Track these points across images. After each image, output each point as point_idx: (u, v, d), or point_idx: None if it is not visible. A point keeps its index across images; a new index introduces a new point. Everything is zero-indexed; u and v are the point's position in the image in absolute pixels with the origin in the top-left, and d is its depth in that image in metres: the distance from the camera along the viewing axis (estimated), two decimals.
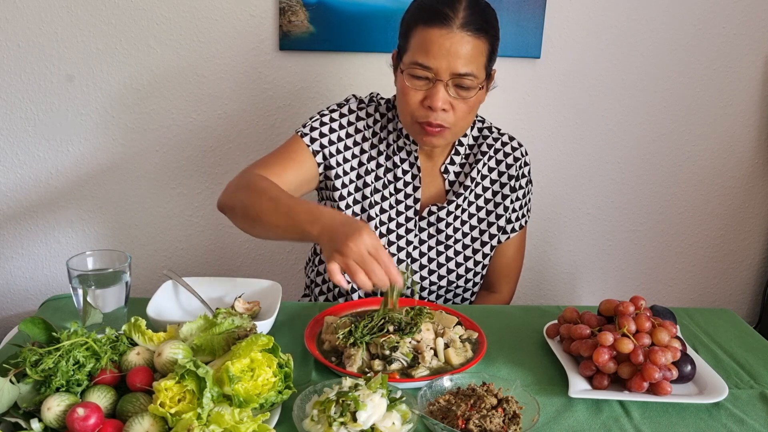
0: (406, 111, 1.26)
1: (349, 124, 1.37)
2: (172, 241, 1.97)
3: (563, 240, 2.08)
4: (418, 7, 1.23)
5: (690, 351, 1.10)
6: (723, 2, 1.87)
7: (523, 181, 1.44)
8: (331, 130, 1.35)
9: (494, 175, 1.41)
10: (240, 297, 1.19)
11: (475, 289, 1.48)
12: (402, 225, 1.38)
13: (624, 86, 1.93)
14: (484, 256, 1.42)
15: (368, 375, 0.94)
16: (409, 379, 1.00)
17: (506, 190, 1.42)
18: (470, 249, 1.41)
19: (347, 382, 0.91)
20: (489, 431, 0.86)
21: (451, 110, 1.23)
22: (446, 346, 1.07)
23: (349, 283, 1.04)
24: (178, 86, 1.82)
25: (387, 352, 1.03)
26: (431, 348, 1.06)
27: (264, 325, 1.09)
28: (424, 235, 1.39)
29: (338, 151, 1.35)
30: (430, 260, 1.39)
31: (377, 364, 1.02)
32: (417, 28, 1.21)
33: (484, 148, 1.40)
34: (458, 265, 1.40)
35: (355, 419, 0.84)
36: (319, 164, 1.34)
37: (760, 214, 2.11)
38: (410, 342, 1.05)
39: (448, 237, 1.39)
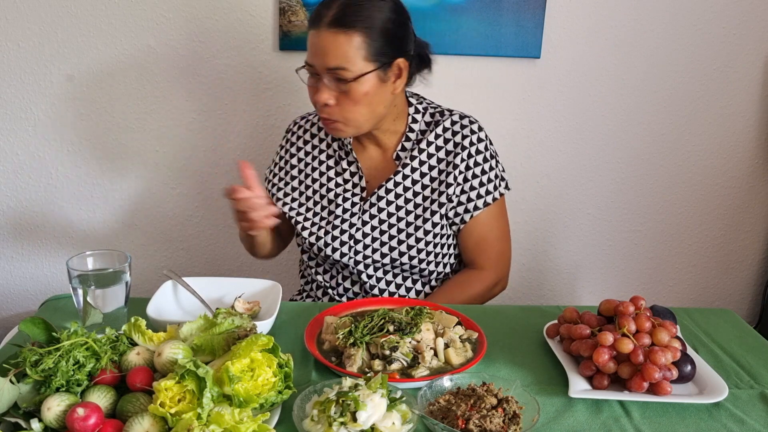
0: (314, 108, 1.37)
1: (285, 151, 1.52)
2: (172, 241, 1.97)
3: (563, 240, 2.08)
4: (313, 11, 1.32)
5: (690, 351, 1.10)
6: (723, 2, 1.87)
7: (479, 158, 1.42)
8: (279, 169, 1.53)
9: (441, 154, 1.43)
10: (240, 297, 1.20)
11: (435, 267, 1.47)
12: (347, 210, 1.45)
13: (624, 86, 1.93)
14: (426, 232, 1.42)
15: (368, 375, 0.94)
16: (409, 379, 1.00)
17: (462, 177, 1.42)
18: (413, 226, 1.43)
19: (347, 382, 0.91)
20: (489, 431, 0.86)
21: (337, 104, 1.31)
22: (446, 346, 1.07)
23: None
24: (178, 86, 1.82)
25: (387, 352, 1.02)
26: (431, 348, 1.06)
27: (264, 325, 1.09)
28: (366, 217, 1.44)
29: (286, 183, 1.51)
30: (374, 239, 1.43)
31: (377, 364, 1.02)
32: (308, 31, 1.32)
33: (439, 130, 1.43)
34: (400, 242, 1.42)
35: (355, 419, 0.84)
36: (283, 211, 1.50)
37: (760, 214, 2.11)
38: (410, 342, 1.05)
39: (389, 215, 1.44)
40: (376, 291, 1.47)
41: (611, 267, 2.12)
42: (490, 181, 1.44)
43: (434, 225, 1.43)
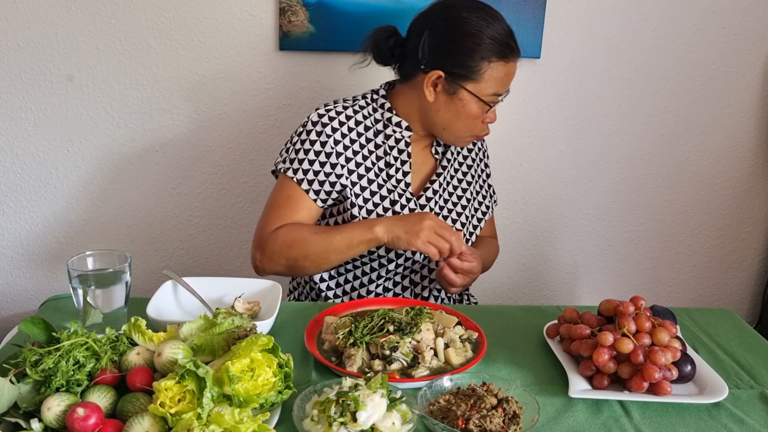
0: (470, 129, 1.39)
1: (323, 144, 1.36)
2: (172, 241, 1.97)
3: (563, 240, 2.08)
4: (492, 42, 1.30)
5: (690, 351, 1.10)
6: (723, 2, 1.87)
7: (484, 144, 1.61)
8: (316, 155, 1.36)
9: (465, 151, 1.55)
10: (240, 297, 1.19)
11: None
12: (401, 208, 1.41)
13: (624, 86, 1.93)
14: (474, 226, 1.53)
15: (368, 375, 0.94)
16: (409, 379, 1.00)
17: (481, 161, 1.59)
18: (463, 216, 1.50)
19: (347, 382, 0.91)
20: (489, 431, 0.86)
21: None
22: (446, 346, 1.07)
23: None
24: (178, 86, 1.82)
25: (387, 352, 1.02)
26: (431, 348, 1.06)
27: (264, 325, 1.09)
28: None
29: (327, 175, 1.36)
30: None
31: (377, 364, 1.02)
32: (492, 61, 1.31)
33: None
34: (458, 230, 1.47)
35: (355, 419, 0.84)
36: (321, 200, 1.37)
37: (760, 214, 2.11)
38: (410, 342, 1.05)
39: (441, 209, 1.47)
40: (380, 290, 1.46)
41: (611, 267, 2.12)
42: (489, 157, 1.63)
43: (478, 219, 1.53)
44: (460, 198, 1.50)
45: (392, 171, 1.41)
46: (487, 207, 1.57)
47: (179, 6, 1.75)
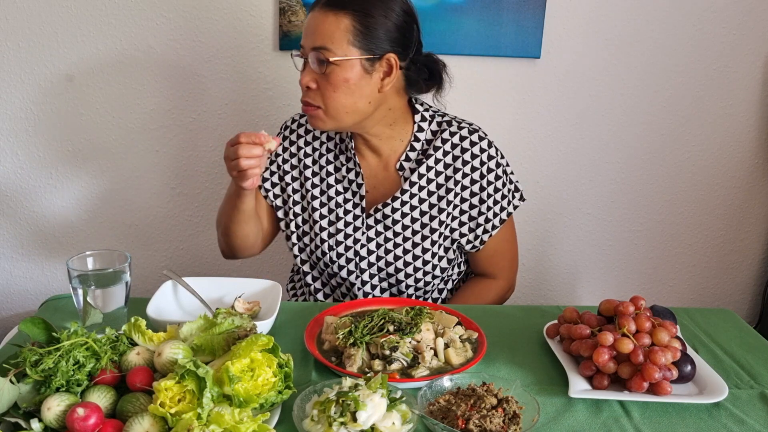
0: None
1: (283, 149, 1.45)
2: (172, 241, 1.97)
3: (563, 240, 2.08)
4: None
5: (690, 351, 1.10)
6: (723, 2, 1.87)
7: (491, 176, 1.38)
8: (273, 164, 1.45)
9: (449, 171, 1.37)
10: (240, 297, 1.19)
11: (440, 286, 1.47)
12: (350, 224, 1.40)
13: (624, 86, 1.93)
14: (434, 255, 1.39)
15: (368, 375, 0.94)
16: (409, 379, 1.00)
17: (468, 192, 1.38)
18: (419, 248, 1.38)
19: (347, 382, 0.91)
20: (489, 431, 0.86)
21: (318, 89, 1.27)
22: (446, 346, 1.07)
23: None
24: (178, 86, 1.82)
25: (387, 352, 1.02)
26: (431, 348, 1.06)
27: (264, 325, 1.09)
28: (371, 233, 1.39)
29: (280, 179, 1.45)
30: (378, 258, 1.39)
31: (377, 364, 1.02)
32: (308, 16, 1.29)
33: (439, 142, 1.37)
34: (406, 264, 1.38)
35: (355, 419, 0.84)
36: (272, 195, 1.46)
37: (760, 214, 2.11)
38: (410, 342, 1.05)
39: (396, 234, 1.38)
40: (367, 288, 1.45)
41: (611, 267, 2.12)
42: (504, 197, 1.40)
43: (442, 247, 1.40)
44: (423, 226, 1.38)
45: (346, 183, 1.41)
46: (479, 241, 1.41)
47: (179, 6, 1.75)
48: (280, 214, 1.46)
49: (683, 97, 1.96)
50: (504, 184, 1.40)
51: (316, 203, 1.41)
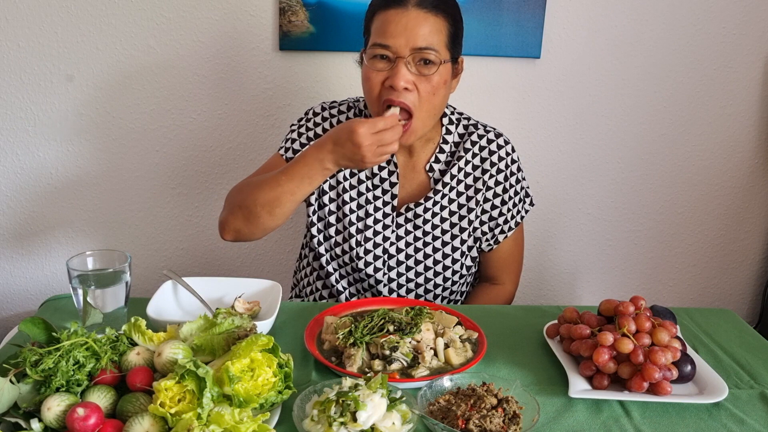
0: (372, 96, 1.25)
1: (324, 131, 1.39)
2: (172, 241, 1.97)
3: (563, 240, 2.08)
4: None
5: (690, 351, 1.10)
6: (723, 2, 1.87)
7: (513, 180, 1.42)
8: (308, 140, 1.39)
9: (477, 173, 1.39)
10: (240, 297, 1.19)
11: (462, 288, 1.48)
12: (379, 221, 1.39)
13: (624, 86, 1.93)
14: (462, 254, 1.41)
15: (368, 375, 0.94)
16: (409, 379, 1.00)
17: (491, 193, 1.40)
18: (449, 246, 1.40)
19: (347, 382, 0.91)
20: (489, 431, 0.86)
21: (416, 90, 1.22)
22: (446, 346, 1.07)
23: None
24: (178, 86, 1.82)
25: (387, 352, 1.02)
26: (431, 348, 1.06)
27: (264, 325, 1.09)
28: (401, 232, 1.39)
29: None
30: (408, 257, 1.40)
31: (377, 364, 1.02)
32: (376, 14, 1.25)
33: (468, 145, 1.40)
34: (436, 262, 1.40)
35: (355, 419, 0.84)
36: None
37: (760, 214, 2.11)
38: (410, 342, 1.05)
39: (425, 233, 1.39)
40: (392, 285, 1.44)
41: (611, 267, 2.12)
42: (521, 200, 1.44)
43: (468, 247, 1.42)
44: (453, 226, 1.40)
45: (376, 180, 1.39)
46: (495, 241, 1.44)
47: (179, 6, 1.75)
48: (312, 200, 1.41)
49: (683, 97, 1.96)
50: (522, 188, 1.45)
51: (346, 196, 1.39)
